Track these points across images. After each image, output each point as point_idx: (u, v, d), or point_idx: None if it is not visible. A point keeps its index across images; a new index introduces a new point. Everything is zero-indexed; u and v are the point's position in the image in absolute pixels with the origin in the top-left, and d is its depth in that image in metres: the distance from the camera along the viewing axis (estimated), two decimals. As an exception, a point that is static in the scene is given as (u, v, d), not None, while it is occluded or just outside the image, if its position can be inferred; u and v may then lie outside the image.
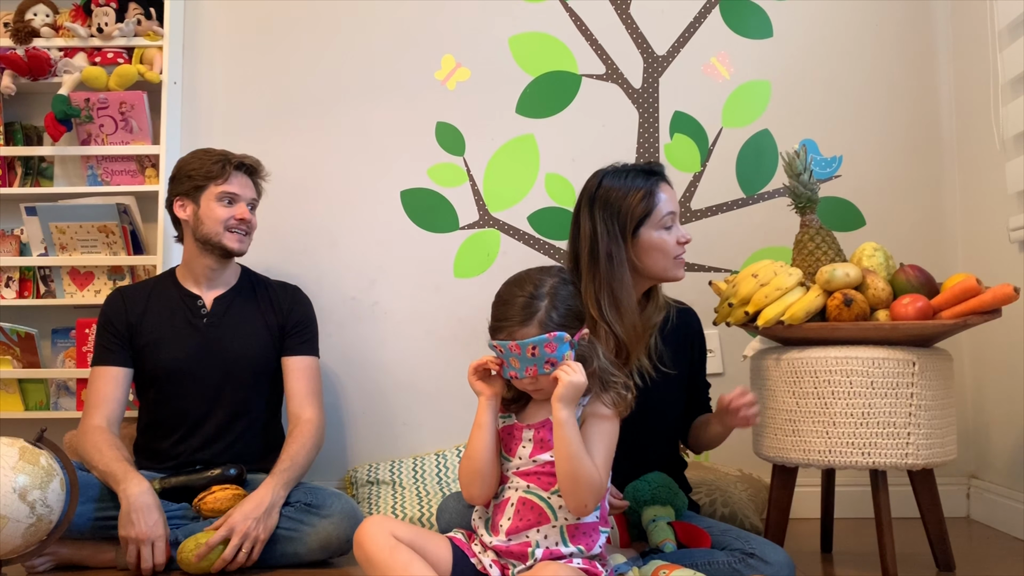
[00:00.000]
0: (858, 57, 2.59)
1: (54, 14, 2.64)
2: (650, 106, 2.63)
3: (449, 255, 2.64)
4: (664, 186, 1.83)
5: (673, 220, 1.81)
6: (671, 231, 1.81)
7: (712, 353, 2.52)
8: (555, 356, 1.49)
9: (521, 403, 1.61)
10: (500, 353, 1.53)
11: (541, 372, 1.49)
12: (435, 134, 2.66)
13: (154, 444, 2.18)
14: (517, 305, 1.53)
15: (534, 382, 1.52)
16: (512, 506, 1.52)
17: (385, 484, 2.44)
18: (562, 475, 1.47)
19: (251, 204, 2.24)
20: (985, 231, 2.37)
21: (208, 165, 2.18)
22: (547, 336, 1.49)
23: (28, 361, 2.53)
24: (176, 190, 2.21)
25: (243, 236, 2.21)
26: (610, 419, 1.54)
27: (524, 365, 1.50)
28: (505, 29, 2.66)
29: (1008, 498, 2.26)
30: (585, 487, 1.46)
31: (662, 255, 1.80)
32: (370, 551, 1.49)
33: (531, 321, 1.51)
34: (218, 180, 2.17)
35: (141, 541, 1.86)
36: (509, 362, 1.52)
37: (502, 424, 1.60)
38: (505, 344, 1.51)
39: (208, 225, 2.17)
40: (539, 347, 1.48)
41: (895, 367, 1.76)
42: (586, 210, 1.81)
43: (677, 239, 1.81)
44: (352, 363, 2.62)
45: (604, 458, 1.51)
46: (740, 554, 1.65)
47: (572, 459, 1.45)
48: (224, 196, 2.18)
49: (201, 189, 2.18)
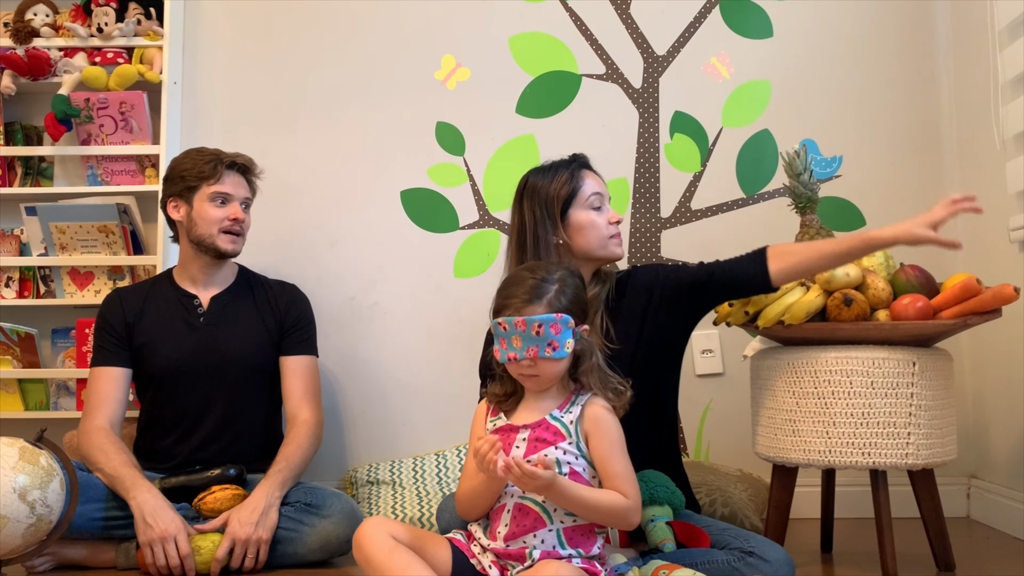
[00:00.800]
0: (858, 57, 2.59)
1: (54, 14, 2.64)
2: (650, 106, 2.63)
3: (449, 255, 2.64)
4: (588, 172, 1.89)
5: (601, 201, 1.86)
6: (601, 212, 1.85)
7: (712, 353, 2.53)
8: (558, 339, 1.49)
9: (513, 402, 1.60)
10: (504, 331, 1.52)
11: (542, 354, 1.49)
12: (435, 134, 2.66)
13: (153, 444, 2.18)
14: (527, 285, 1.54)
15: (532, 365, 1.51)
16: (508, 512, 1.52)
17: (385, 484, 2.44)
18: (593, 519, 1.51)
19: (245, 203, 2.24)
20: (985, 231, 2.37)
21: (200, 165, 2.17)
22: (554, 316, 1.49)
23: (28, 361, 2.53)
24: (169, 191, 2.21)
25: (236, 237, 2.20)
26: (613, 423, 1.54)
27: (526, 344, 1.49)
28: (505, 29, 2.66)
29: (1008, 498, 2.26)
30: (619, 517, 1.51)
31: (594, 232, 1.83)
32: (369, 552, 1.49)
33: (540, 301, 1.52)
34: (210, 180, 2.16)
35: (165, 540, 1.86)
36: (510, 342, 1.51)
37: (493, 427, 1.59)
38: (510, 320, 1.50)
39: (201, 226, 2.17)
40: (545, 326, 1.49)
41: (895, 367, 1.76)
42: (516, 206, 1.89)
43: (608, 219, 1.85)
44: (352, 363, 2.62)
45: (624, 470, 1.52)
46: (739, 552, 1.65)
47: (591, 510, 1.49)
48: (217, 196, 2.17)
49: (194, 190, 2.17)
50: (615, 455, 1.52)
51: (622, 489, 1.50)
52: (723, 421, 2.53)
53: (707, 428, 2.53)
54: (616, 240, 1.86)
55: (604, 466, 1.52)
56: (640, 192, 2.60)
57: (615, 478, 1.51)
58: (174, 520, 1.89)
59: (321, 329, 2.36)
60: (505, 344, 1.52)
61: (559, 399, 1.57)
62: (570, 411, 1.54)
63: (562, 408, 1.55)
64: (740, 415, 2.29)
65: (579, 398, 1.56)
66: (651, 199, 2.60)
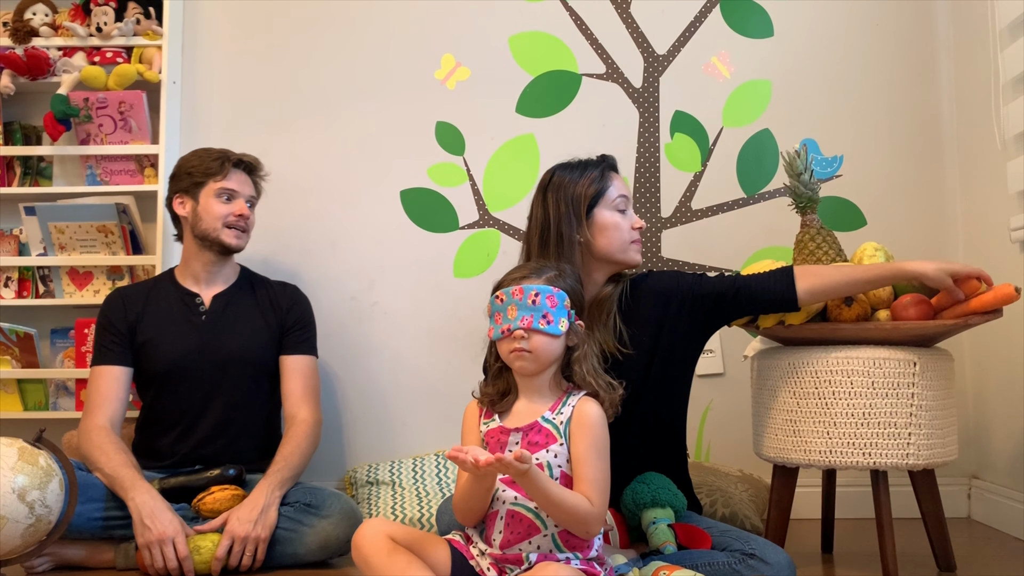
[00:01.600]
0: (858, 57, 2.59)
1: (53, 13, 2.63)
2: (650, 106, 2.62)
3: (449, 255, 2.63)
4: (615, 174, 1.88)
5: (626, 204, 1.85)
6: (625, 215, 1.84)
7: (712, 353, 2.53)
8: (553, 313, 1.49)
9: (506, 403, 1.59)
10: (500, 304, 1.52)
11: (535, 325, 1.49)
12: (435, 134, 2.65)
13: (153, 442, 2.18)
14: (529, 267, 1.59)
15: (525, 338, 1.50)
16: (502, 519, 1.51)
17: (385, 484, 2.44)
18: (554, 518, 1.48)
19: (250, 201, 2.26)
20: (985, 231, 2.37)
21: (208, 162, 2.20)
22: (551, 288, 1.51)
23: (27, 361, 2.52)
24: (176, 187, 2.23)
25: (241, 232, 2.22)
26: (599, 426, 1.52)
27: (521, 314, 1.49)
28: (505, 28, 2.66)
29: (1009, 498, 2.25)
30: (580, 521, 1.46)
31: (617, 235, 1.81)
32: (368, 554, 1.49)
33: (539, 277, 1.55)
34: (217, 177, 2.19)
35: (163, 542, 1.86)
36: (505, 314, 1.51)
37: (486, 429, 1.58)
38: (508, 290, 1.52)
39: (207, 221, 2.18)
40: (541, 296, 1.50)
41: (896, 367, 1.76)
42: (539, 199, 1.85)
43: (631, 223, 1.84)
44: (352, 363, 2.62)
45: (596, 476, 1.48)
46: (740, 555, 1.64)
47: (553, 507, 1.44)
48: (223, 192, 2.19)
49: (200, 186, 2.19)
50: (591, 459, 1.49)
51: (589, 495, 1.46)
52: (723, 421, 2.53)
53: (707, 428, 2.53)
54: (636, 246, 1.85)
55: (577, 467, 1.49)
56: (640, 192, 2.60)
57: (585, 483, 1.47)
58: (172, 522, 1.89)
59: (321, 329, 2.36)
60: (500, 318, 1.52)
61: (551, 399, 1.56)
62: (561, 412, 1.53)
63: (554, 409, 1.54)
64: (740, 415, 2.28)
65: (571, 398, 1.55)
66: (651, 199, 2.60)
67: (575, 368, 1.56)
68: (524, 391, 1.57)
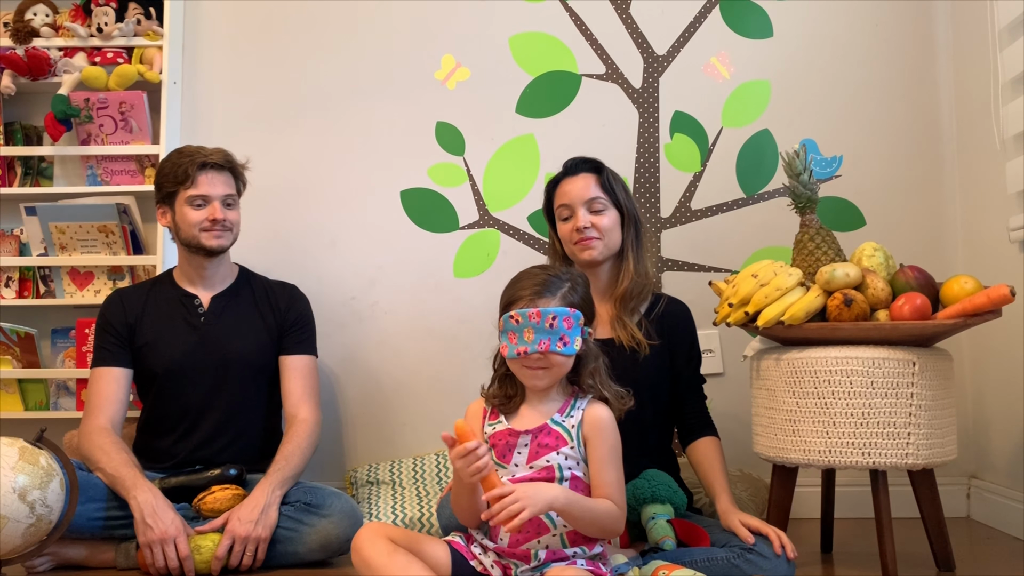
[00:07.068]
0: (858, 57, 2.59)
1: (54, 14, 2.63)
2: (650, 106, 2.63)
3: (449, 255, 2.63)
4: (564, 181, 1.99)
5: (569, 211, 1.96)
6: (567, 222, 1.97)
7: (712, 353, 2.52)
8: (569, 335, 1.49)
9: (513, 405, 1.59)
10: (515, 324, 1.51)
11: (553, 348, 1.49)
12: (435, 134, 2.66)
13: (153, 443, 2.18)
14: (539, 279, 1.56)
15: (542, 359, 1.50)
16: None
17: (385, 484, 2.44)
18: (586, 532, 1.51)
19: (227, 200, 2.20)
20: (985, 231, 2.37)
21: (174, 171, 2.15)
22: (568, 310, 1.50)
23: (28, 361, 2.53)
24: (156, 198, 2.22)
25: (221, 232, 2.18)
26: (613, 430, 1.54)
27: (539, 337, 1.49)
28: (505, 29, 2.66)
29: (1008, 498, 2.26)
30: (610, 529, 1.52)
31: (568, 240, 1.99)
32: (368, 556, 1.49)
33: (554, 295, 1.53)
34: (185, 184, 2.14)
35: (165, 541, 1.86)
36: (521, 336, 1.50)
37: (493, 430, 1.58)
38: (524, 312, 1.50)
39: (184, 229, 2.17)
40: (559, 319, 1.49)
41: (895, 367, 1.76)
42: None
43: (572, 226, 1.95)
44: (352, 363, 2.62)
45: (617, 478, 1.53)
46: (739, 549, 1.66)
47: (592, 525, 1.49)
48: (194, 199, 2.15)
49: (173, 196, 2.17)
50: (611, 463, 1.52)
51: (613, 497, 1.50)
52: (723, 421, 2.50)
53: (707, 428, 2.53)
54: (580, 246, 1.94)
55: (598, 473, 1.52)
56: (640, 192, 2.60)
57: (608, 486, 1.51)
58: (174, 521, 1.89)
59: (321, 329, 2.36)
60: (515, 338, 1.51)
61: (559, 401, 1.57)
62: (571, 415, 1.54)
63: (563, 412, 1.55)
64: (740, 415, 2.29)
65: (579, 401, 1.56)
66: (651, 199, 2.60)
67: (588, 381, 1.58)
68: (532, 394, 1.59)
